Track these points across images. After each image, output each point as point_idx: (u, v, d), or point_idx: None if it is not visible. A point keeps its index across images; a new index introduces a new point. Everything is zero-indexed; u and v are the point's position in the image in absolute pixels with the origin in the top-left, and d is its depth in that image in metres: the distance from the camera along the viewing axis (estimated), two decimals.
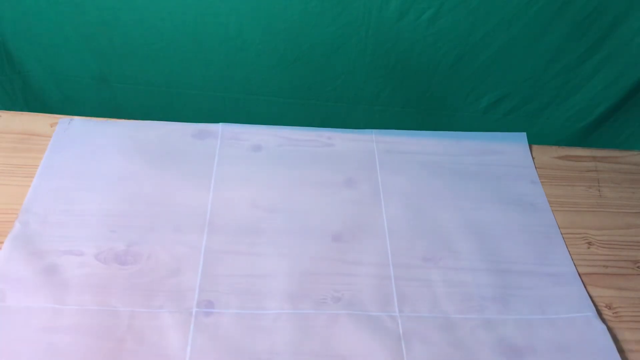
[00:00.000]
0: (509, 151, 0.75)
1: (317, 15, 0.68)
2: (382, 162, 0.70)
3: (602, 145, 0.75)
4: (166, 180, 0.66)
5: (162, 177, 0.66)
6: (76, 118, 0.73)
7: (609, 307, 0.58)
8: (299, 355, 0.51)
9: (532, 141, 0.78)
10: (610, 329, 0.56)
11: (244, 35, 0.72)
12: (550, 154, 0.75)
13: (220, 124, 0.77)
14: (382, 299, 0.57)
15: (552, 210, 0.68)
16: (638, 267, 0.62)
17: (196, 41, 0.73)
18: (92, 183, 0.64)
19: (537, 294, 0.59)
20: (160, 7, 0.69)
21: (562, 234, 0.65)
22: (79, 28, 0.73)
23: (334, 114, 0.83)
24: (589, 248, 0.64)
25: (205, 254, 0.59)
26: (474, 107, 0.81)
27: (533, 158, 0.74)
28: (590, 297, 0.58)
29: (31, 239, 0.58)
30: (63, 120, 0.71)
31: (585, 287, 0.59)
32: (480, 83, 0.77)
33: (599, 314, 0.57)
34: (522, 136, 0.79)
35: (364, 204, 0.66)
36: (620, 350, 0.54)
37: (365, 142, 0.73)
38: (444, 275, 0.60)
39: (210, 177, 0.67)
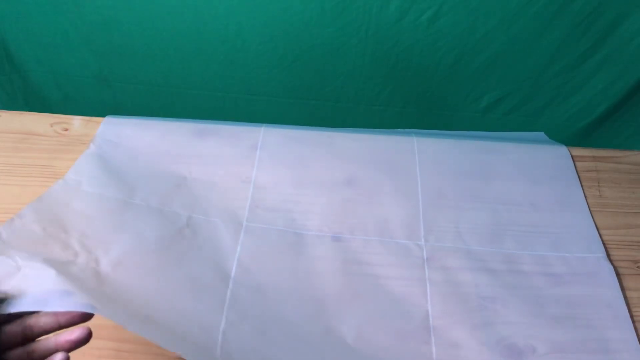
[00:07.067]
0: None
1: (317, 15, 0.68)
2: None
3: (602, 145, 0.75)
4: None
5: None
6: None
7: None
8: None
9: None
10: None
11: (244, 35, 0.72)
12: None
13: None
14: None
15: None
16: (638, 267, 0.62)
17: (196, 41, 0.73)
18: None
19: (553, 234, 0.63)
20: (160, 7, 0.69)
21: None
22: (79, 28, 0.73)
23: (334, 114, 0.83)
24: None
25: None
26: (474, 106, 0.81)
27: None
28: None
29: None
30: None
31: (598, 231, 0.64)
32: (480, 83, 0.77)
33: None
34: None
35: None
36: None
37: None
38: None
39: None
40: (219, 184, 0.66)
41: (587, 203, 0.67)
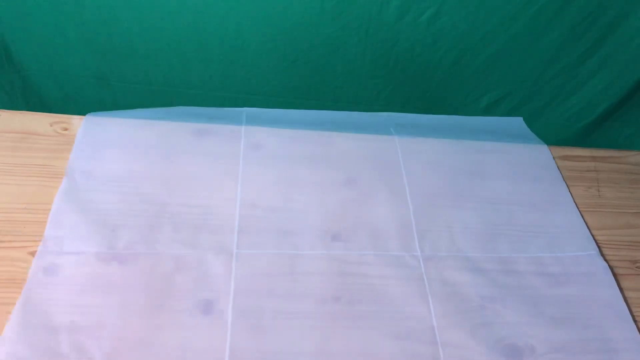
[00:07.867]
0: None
1: (317, 15, 0.68)
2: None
3: (602, 145, 0.75)
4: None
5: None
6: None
7: None
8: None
9: None
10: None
11: (244, 35, 0.72)
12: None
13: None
14: None
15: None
16: (638, 267, 0.62)
17: (196, 41, 0.73)
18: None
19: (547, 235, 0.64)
20: (160, 7, 0.69)
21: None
22: (79, 28, 0.73)
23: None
24: None
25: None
26: (474, 106, 0.81)
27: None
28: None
29: None
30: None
31: (588, 229, 0.65)
32: (480, 83, 0.77)
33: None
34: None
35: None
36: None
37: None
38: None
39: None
40: (205, 190, 0.65)
41: (585, 203, 0.67)
